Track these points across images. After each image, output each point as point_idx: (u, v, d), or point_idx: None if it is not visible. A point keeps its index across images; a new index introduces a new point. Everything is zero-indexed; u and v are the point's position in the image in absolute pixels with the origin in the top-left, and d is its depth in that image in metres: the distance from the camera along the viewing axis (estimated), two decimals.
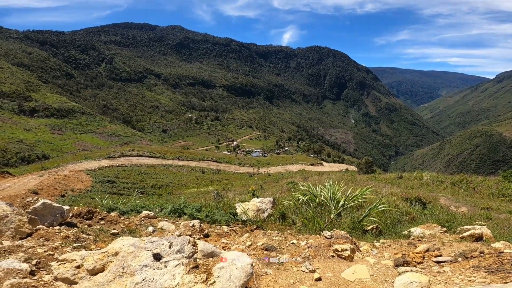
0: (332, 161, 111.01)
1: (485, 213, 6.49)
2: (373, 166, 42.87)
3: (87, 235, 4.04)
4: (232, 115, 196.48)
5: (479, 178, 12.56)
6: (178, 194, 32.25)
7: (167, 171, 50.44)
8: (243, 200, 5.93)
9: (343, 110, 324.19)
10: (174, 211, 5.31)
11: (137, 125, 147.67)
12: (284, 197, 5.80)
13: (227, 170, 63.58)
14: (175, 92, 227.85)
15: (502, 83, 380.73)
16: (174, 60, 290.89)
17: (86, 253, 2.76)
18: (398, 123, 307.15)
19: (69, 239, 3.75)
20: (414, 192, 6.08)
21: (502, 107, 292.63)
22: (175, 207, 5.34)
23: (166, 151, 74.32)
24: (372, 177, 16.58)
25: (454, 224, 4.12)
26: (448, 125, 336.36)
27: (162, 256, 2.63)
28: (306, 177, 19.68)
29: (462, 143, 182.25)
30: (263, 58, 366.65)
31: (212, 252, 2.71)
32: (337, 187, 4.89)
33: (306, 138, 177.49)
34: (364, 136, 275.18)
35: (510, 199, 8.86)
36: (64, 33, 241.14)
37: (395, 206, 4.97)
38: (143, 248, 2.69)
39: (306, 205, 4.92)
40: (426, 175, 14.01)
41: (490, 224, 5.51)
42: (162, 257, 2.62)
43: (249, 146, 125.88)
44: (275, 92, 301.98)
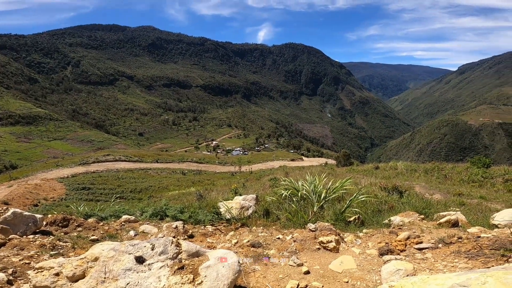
0: (312, 155, 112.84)
1: (458, 199, 6.88)
2: (351, 158, 44.27)
3: (64, 242, 3.92)
4: (211, 115, 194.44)
5: (449, 165, 13.31)
6: (159, 198, 31.61)
7: (146, 175, 49.14)
8: (226, 198, 5.89)
9: (319, 105, 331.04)
10: (156, 214, 5.18)
11: (111, 129, 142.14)
12: (267, 193, 5.83)
13: (208, 170, 62.91)
14: (149, 94, 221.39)
15: (465, 75, 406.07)
16: (147, 61, 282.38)
17: (64, 260, 2.66)
18: (371, 115, 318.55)
19: (46, 247, 3.64)
20: (391, 182, 6.33)
21: (466, 97, 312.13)
22: (156, 210, 5.21)
23: (143, 155, 72.27)
24: (351, 169, 17.09)
25: (430, 211, 4.33)
26: (417, 116, 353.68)
27: (145, 259, 2.55)
28: (287, 172, 19.92)
29: (431, 132, 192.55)
30: (239, 56, 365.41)
31: (197, 251, 2.66)
32: (318, 180, 4.97)
33: (285, 134, 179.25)
34: (341, 129, 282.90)
35: (479, 185, 9.45)
36: (24, 36, 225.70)
37: (374, 196, 5.14)
38: (124, 251, 2.60)
39: (289, 200, 4.96)
40: (400, 164, 14.63)
41: (463, 210, 5.86)
42: (145, 260, 2.55)
43: (229, 145, 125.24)
44: (252, 90, 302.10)
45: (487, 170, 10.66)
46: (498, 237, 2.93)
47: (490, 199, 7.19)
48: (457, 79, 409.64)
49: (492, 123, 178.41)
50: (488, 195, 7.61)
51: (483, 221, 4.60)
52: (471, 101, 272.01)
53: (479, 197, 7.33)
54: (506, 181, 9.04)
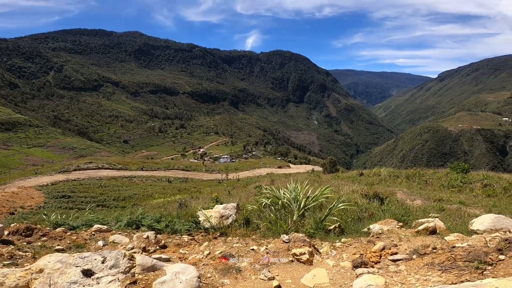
0: (299, 162, 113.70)
1: (437, 205, 6.91)
2: (337, 165, 44.84)
3: (25, 252, 3.72)
4: (198, 122, 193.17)
5: (430, 171, 13.56)
6: (143, 205, 30.95)
7: (130, 183, 48.16)
8: (206, 207, 5.68)
9: (306, 112, 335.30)
10: (131, 223, 4.92)
11: (94, 137, 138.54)
12: (249, 202, 5.65)
13: (195, 178, 62.46)
14: (135, 101, 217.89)
15: (444, 82, 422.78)
16: (133, 67, 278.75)
17: (8, 271, 2.49)
18: (357, 122, 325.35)
19: (3, 257, 3.45)
20: (373, 188, 6.30)
21: (446, 104, 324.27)
22: (132, 219, 4.95)
23: (128, 162, 70.76)
24: (336, 175, 17.15)
25: (409, 219, 4.27)
26: (400, 123, 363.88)
27: (94, 272, 2.40)
28: (273, 180, 19.78)
29: (413, 139, 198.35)
30: (227, 63, 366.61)
31: (153, 265, 2.46)
32: (300, 188, 4.85)
33: (272, 141, 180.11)
34: (327, 136, 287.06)
35: (459, 190, 9.61)
36: (6, 40, 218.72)
37: (354, 204, 5.06)
38: (72, 264, 2.45)
39: (271, 208, 4.81)
40: (383, 171, 14.81)
41: (443, 216, 5.86)
42: (94, 273, 2.39)
43: (217, 153, 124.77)
44: (240, 97, 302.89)
45: (466, 176, 10.91)
46: (473, 247, 2.85)
47: (469, 204, 7.29)
48: (437, 86, 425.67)
49: (470, 129, 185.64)
50: (467, 200, 7.73)
51: (462, 227, 4.58)
52: (451, 108, 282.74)
53: (459, 202, 7.41)
54: (484, 186, 9.23)
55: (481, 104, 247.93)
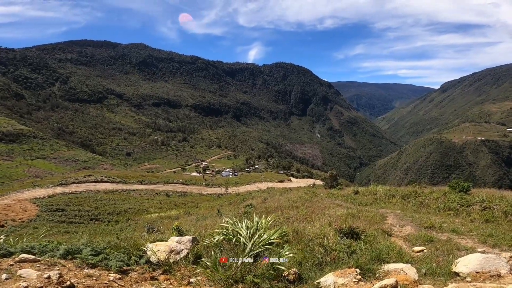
0: (302, 176, 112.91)
1: (426, 235, 6.30)
2: (338, 179, 44.12)
3: None
4: (200, 135, 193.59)
5: (427, 190, 12.88)
6: (137, 220, 30.49)
7: (127, 196, 47.84)
8: (160, 239, 5.15)
9: (309, 125, 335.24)
10: (71, 252, 4.38)
11: (98, 149, 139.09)
12: (211, 232, 5.11)
13: (194, 192, 61.93)
14: (139, 113, 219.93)
15: (447, 92, 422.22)
16: (137, 79, 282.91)
17: None
18: (360, 135, 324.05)
19: None
20: (347, 222, 5.74)
21: (449, 115, 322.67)
22: (71, 248, 4.42)
23: (127, 176, 70.47)
24: (330, 193, 16.51)
25: (373, 268, 3.69)
26: (404, 135, 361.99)
27: None
28: (266, 198, 19.15)
29: (417, 151, 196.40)
30: (230, 75, 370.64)
31: None
32: (264, 221, 4.31)
33: (275, 155, 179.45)
34: (330, 149, 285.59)
35: (455, 213, 8.94)
36: (14, 50, 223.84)
37: (319, 244, 4.47)
38: None
39: (229, 243, 4.28)
40: (379, 189, 14.17)
41: (428, 249, 5.28)
42: None
43: (219, 166, 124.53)
44: (243, 110, 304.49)
45: (465, 196, 10.23)
46: None
47: (463, 233, 6.65)
48: (440, 97, 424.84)
49: (475, 141, 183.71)
50: (462, 227, 7.08)
51: (443, 268, 4.00)
52: (454, 119, 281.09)
53: (451, 231, 6.77)
54: (483, 209, 8.56)
55: (485, 114, 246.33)
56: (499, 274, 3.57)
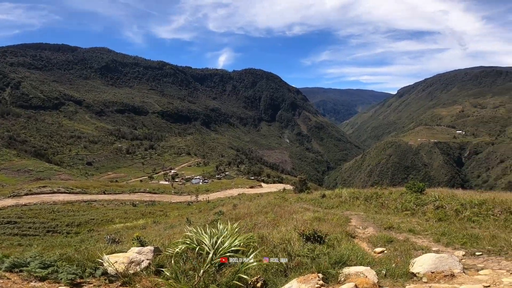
0: (272, 181, 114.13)
1: (386, 235, 6.63)
2: (306, 183, 45.36)
3: None
4: (169, 143, 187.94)
5: (387, 191, 13.64)
6: (100, 231, 28.79)
7: (88, 207, 45.34)
8: (119, 250, 4.84)
9: (278, 131, 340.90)
10: (17, 265, 3.96)
11: (54, 158, 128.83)
12: (175, 242, 4.89)
13: (162, 200, 60.35)
14: (100, 120, 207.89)
15: (403, 98, 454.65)
16: (99, 85, 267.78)
17: None
18: (326, 140, 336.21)
19: None
20: (311, 227, 5.85)
21: (405, 119, 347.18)
22: (17, 261, 3.99)
23: (88, 186, 66.31)
24: (299, 198, 16.80)
25: (336, 272, 3.78)
26: (366, 139, 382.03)
27: None
28: (235, 204, 19.00)
29: (378, 154, 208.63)
30: (199, 81, 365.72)
31: None
32: (229, 229, 4.22)
33: (246, 161, 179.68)
34: (299, 154, 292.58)
35: (412, 213, 9.52)
36: None
37: (283, 250, 4.50)
38: None
39: (193, 252, 4.12)
40: (345, 192, 14.72)
41: (388, 250, 5.55)
42: None
43: (189, 174, 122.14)
44: (212, 117, 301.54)
45: (420, 196, 10.97)
46: None
47: (419, 232, 7.10)
48: (396, 102, 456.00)
49: (428, 143, 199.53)
50: (418, 226, 7.55)
51: (402, 269, 4.21)
52: (410, 123, 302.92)
53: (408, 230, 7.20)
54: (436, 208, 9.22)
55: (436, 118, 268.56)
56: (452, 274, 3.81)
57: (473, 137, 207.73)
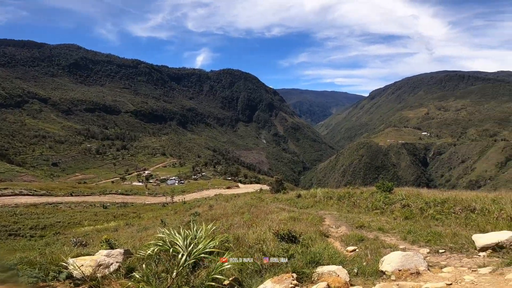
0: (249, 182, 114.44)
1: (357, 234, 6.90)
2: (283, 183, 46.02)
3: None
4: (142, 143, 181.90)
5: (358, 191, 14.18)
6: (67, 234, 27.34)
7: (54, 210, 43.32)
8: (86, 253, 4.65)
9: (255, 131, 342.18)
10: None
11: (16, 159, 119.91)
12: (147, 243, 4.77)
13: (136, 202, 58.90)
14: (68, 119, 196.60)
15: (374, 100, 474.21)
16: (66, 83, 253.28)
17: None
18: (302, 140, 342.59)
19: None
20: (286, 227, 5.99)
21: (376, 121, 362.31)
22: None
23: (54, 187, 63.06)
24: (275, 198, 17.00)
25: (309, 271, 3.90)
26: (340, 139, 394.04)
27: None
28: (212, 205, 18.82)
29: (351, 154, 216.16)
30: (176, 81, 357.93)
31: None
32: (204, 230, 4.19)
33: (222, 161, 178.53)
34: (276, 155, 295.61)
35: (381, 212, 9.98)
36: None
37: (258, 251, 4.56)
38: None
39: (167, 254, 4.04)
40: (319, 191, 15.10)
41: (359, 248, 5.79)
42: None
43: (164, 174, 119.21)
44: (188, 117, 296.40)
45: (389, 195, 11.53)
46: None
47: (388, 230, 7.46)
48: (368, 104, 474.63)
49: (397, 144, 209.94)
50: (387, 225, 7.93)
51: (372, 267, 4.41)
52: (380, 124, 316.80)
53: (378, 229, 7.54)
54: (403, 207, 9.74)
55: (404, 120, 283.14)
56: (418, 271, 4.03)
57: (437, 139, 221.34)
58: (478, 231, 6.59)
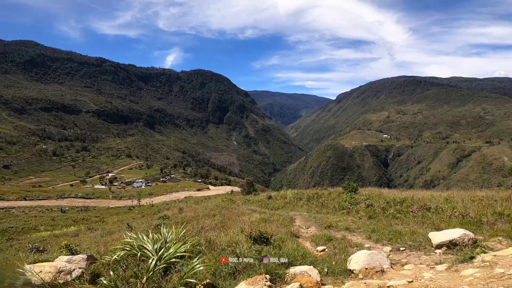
0: (220, 183, 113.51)
1: (326, 234, 7.18)
2: (254, 185, 46.29)
3: None
4: (105, 144, 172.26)
5: (326, 192, 14.75)
6: (21, 240, 25.14)
7: (6, 215, 40.70)
8: (45, 259, 4.36)
9: (226, 133, 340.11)
10: None
11: None
12: (113, 248, 4.57)
13: (99, 205, 57.23)
14: (21, 119, 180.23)
15: (341, 103, 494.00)
16: (20, 80, 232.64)
17: None
18: (272, 142, 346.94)
19: None
20: (258, 228, 6.09)
21: (342, 124, 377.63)
22: None
23: (5, 191, 58.34)
24: (246, 200, 17.08)
25: (282, 272, 4.03)
26: (309, 141, 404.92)
27: None
28: (182, 208, 18.41)
29: (319, 156, 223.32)
30: (144, 81, 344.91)
31: None
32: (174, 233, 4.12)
33: (192, 163, 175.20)
34: (247, 157, 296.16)
35: (347, 212, 10.48)
36: None
37: (231, 252, 4.61)
38: None
39: (135, 259, 3.91)
40: (289, 193, 15.44)
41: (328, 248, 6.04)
42: None
43: (130, 177, 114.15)
44: (157, 118, 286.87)
45: (354, 195, 12.16)
46: None
47: (354, 230, 7.85)
48: (335, 107, 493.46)
49: (361, 146, 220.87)
50: (353, 224, 8.34)
51: (341, 266, 4.62)
52: (346, 127, 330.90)
53: (345, 228, 7.92)
54: (367, 207, 10.32)
55: (368, 123, 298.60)
56: (382, 269, 4.30)
57: (396, 141, 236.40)
58: (433, 229, 6.99)
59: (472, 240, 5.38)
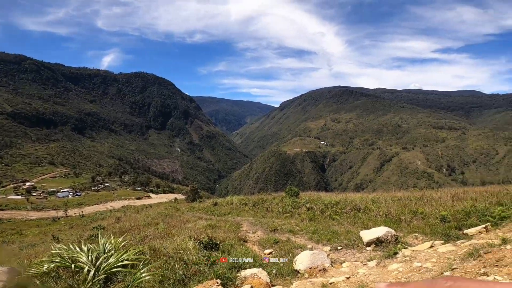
0: (162, 191, 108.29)
1: (272, 237, 7.58)
2: (199, 192, 45.38)
3: None
4: (22, 151, 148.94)
5: (271, 197, 15.41)
6: None
7: None
8: None
9: (168, 139, 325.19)
10: None
11: None
12: (40, 260, 4.14)
13: (14, 217, 52.68)
14: None
15: (284, 111, 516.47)
16: None
17: None
18: (217, 149, 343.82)
19: None
20: (207, 233, 6.17)
21: (285, 131, 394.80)
22: None
23: None
24: (191, 207, 16.74)
25: (233, 276, 4.21)
26: (253, 148, 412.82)
27: None
28: (119, 217, 17.06)
29: (263, 162, 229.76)
30: (73, 81, 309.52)
31: None
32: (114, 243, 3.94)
33: (130, 171, 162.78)
34: (191, 163, 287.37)
35: (290, 215, 11.15)
36: None
37: (179, 260, 4.61)
38: None
39: (67, 271, 3.62)
40: (235, 199, 15.67)
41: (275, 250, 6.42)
42: None
43: (53, 186, 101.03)
44: (88, 122, 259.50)
45: (296, 199, 12.98)
46: None
47: (297, 232, 8.42)
48: (279, 114, 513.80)
49: (301, 152, 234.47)
50: (296, 227, 8.93)
51: (288, 267, 4.97)
52: (288, 134, 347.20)
53: (289, 231, 8.46)
54: (308, 210, 11.16)
55: (307, 130, 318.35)
56: (324, 268, 4.79)
57: (332, 147, 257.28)
58: (363, 228, 7.79)
59: (394, 237, 6.22)
